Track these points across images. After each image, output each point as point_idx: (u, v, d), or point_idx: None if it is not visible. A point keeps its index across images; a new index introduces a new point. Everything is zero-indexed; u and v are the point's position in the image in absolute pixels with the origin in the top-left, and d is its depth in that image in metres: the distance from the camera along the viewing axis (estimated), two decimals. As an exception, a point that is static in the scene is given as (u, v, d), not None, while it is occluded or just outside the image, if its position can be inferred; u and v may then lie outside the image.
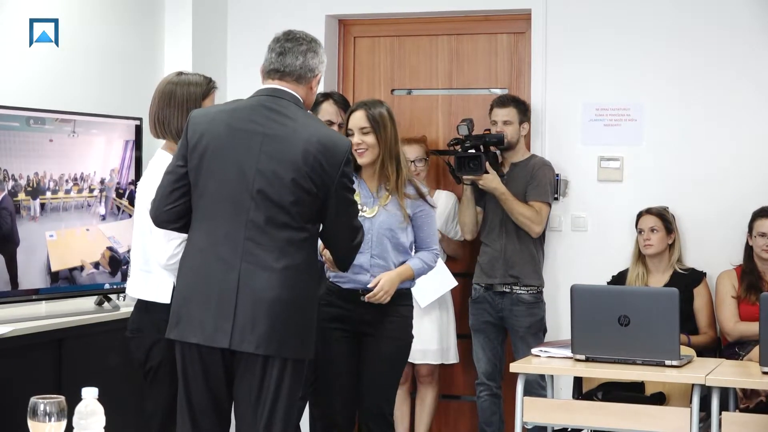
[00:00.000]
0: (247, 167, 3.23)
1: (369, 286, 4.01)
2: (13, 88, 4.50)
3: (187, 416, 3.31)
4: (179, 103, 3.67)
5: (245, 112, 3.32)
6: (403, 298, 4.12)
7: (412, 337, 4.20)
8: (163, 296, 3.57)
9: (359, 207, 4.07)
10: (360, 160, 4.03)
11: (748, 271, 4.89)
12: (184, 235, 3.41)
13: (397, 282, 4.04)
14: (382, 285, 4.00)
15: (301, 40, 3.39)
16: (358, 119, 4.07)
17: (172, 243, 3.52)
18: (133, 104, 4.99)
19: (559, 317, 5.24)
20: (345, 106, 5.17)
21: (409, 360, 5.27)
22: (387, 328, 4.08)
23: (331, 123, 5.11)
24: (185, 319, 3.26)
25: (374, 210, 4.09)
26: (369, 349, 4.09)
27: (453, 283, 5.22)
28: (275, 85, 3.36)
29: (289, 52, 3.36)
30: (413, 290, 5.09)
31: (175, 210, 3.33)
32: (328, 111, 5.11)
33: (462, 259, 5.48)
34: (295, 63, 3.35)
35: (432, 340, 5.22)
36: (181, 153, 3.33)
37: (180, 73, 3.77)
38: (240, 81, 5.81)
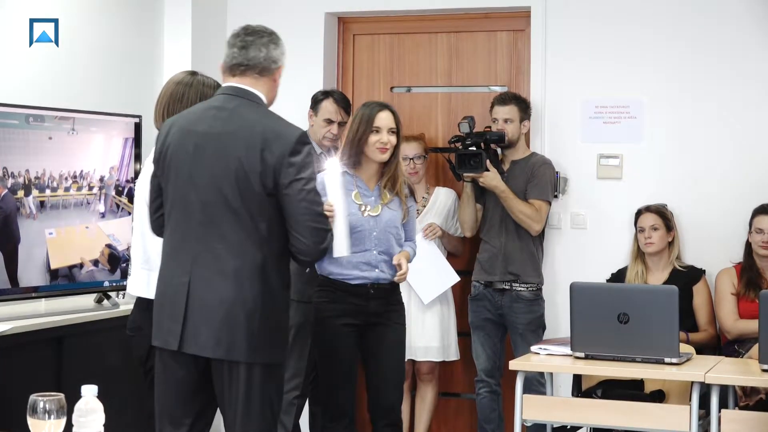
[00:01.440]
0: (195, 171, 3.26)
1: (395, 263, 4.16)
2: (13, 86, 4.51)
3: (159, 414, 3.34)
4: (190, 101, 3.68)
5: (197, 114, 3.36)
6: (397, 285, 4.30)
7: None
8: None
9: (362, 207, 4.10)
10: (382, 157, 4.15)
11: (747, 267, 4.89)
12: None
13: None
14: (406, 265, 4.18)
15: (262, 33, 3.38)
16: (389, 120, 4.19)
17: None
18: (133, 102, 4.99)
19: (558, 315, 5.24)
20: (345, 105, 5.17)
21: (411, 357, 5.30)
22: (393, 315, 4.26)
23: (330, 121, 5.11)
24: (156, 325, 3.32)
25: (378, 208, 4.18)
26: (382, 337, 4.22)
27: (455, 278, 5.23)
28: (234, 82, 3.35)
29: (252, 45, 3.34)
30: (416, 287, 5.11)
31: (161, 219, 3.40)
32: (328, 109, 5.11)
33: (462, 256, 5.48)
34: (258, 55, 3.33)
35: (434, 337, 5.22)
36: (154, 162, 3.40)
37: (193, 74, 3.82)
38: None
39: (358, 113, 4.24)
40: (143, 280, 3.67)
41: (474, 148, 5.08)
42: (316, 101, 5.17)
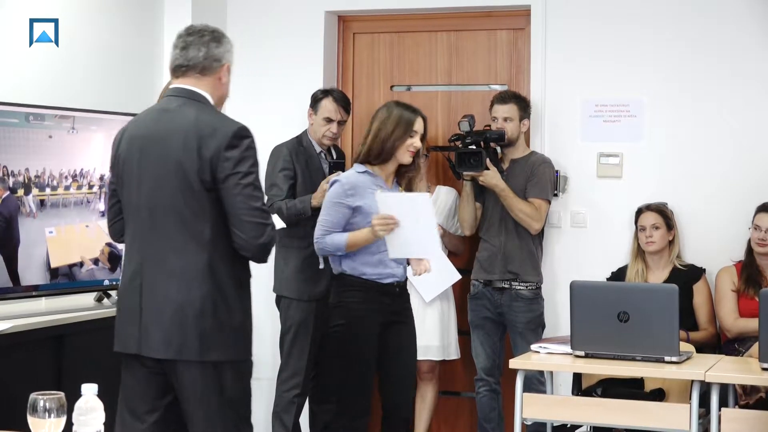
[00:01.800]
0: (141, 175, 3.27)
1: (415, 258, 4.28)
2: (13, 85, 4.50)
3: (126, 411, 3.34)
4: None
5: (143, 119, 3.38)
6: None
7: None
8: None
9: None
10: (409, 159, 4.29)
11: (747, 264, 4.89)
12: None
13: None
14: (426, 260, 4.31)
15: (203, 32, 3.36)
16: (422, 126, 4.32)
17: None
18: (133, 101, 4.98)
19: (557, 313, 5.24)
20: (344, 104, 5.17)
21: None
22: (409, 313, 4.42)
23: (330, 120, 5.11)
24: (116, 329, 3.35)
25: None
26: (400, 334, 4.34)
27: (457, 276, 5.24)
28: (177, 83, 3.35)
29: (191, 45, 3.33)
30: (417, 285, 5.12)
31: (116, 225, 3.44)
32: (328, 108, 5.11)
33: (462, 255, 5.48)
34: (198, 55, 3.31)
35: (434, 336, 5.22)
36: (110, 169, 3.45)
37: None
38: (239, 78, 5.79)
39: (393, 114, 4.28)
40: None
41: (474, 147, 5.08)
42: (315, 100, 5.17)
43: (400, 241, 4.10)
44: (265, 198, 3.28)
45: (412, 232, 4.08)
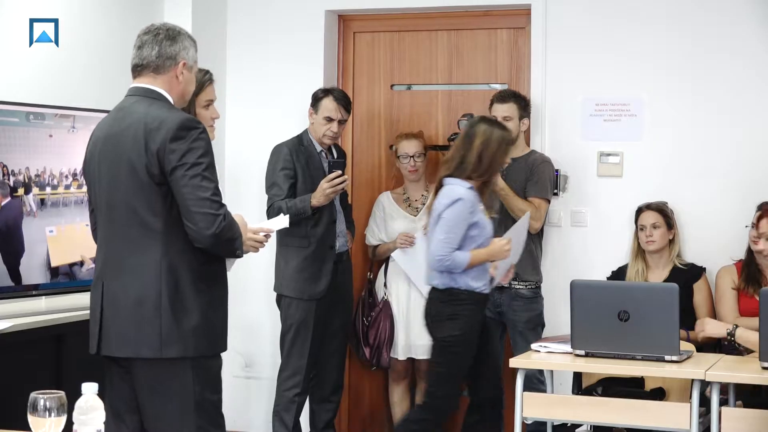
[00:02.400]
0: (98, 174, 3.29)
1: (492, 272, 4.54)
2: (13, 84, 4.50)
3: (109, 413, 3.32)
4: None
5: (104, 120, 3.39)
6: None
7: None
8: None
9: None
10: (499, 177, 4.73)
11: (748, 263, 4.88)
12: None
13: None
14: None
15: (158, 30, 3.36)
16: None
17: None
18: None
19: (557, 313, 5.24)
20: (345, 103, 5.17)
21: (411, 355, 5.31)
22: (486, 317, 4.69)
23: (330, 119, 5.11)
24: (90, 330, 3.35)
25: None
26: (489, 337, 4.61)
27: None
28: (135, 83, 3.36)
29: (146, 44, 3.34)
30: (417, 282, 5.13)
31: (93, 225, 3.45)
32: (328, 107, 5.11)
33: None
34: (150, 54, 3.32)
35: (433, 335, 5.23)
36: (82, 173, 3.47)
37: None
38: (239, 76, 5.81)
39: (495, 134, 4.43)
40: None
41: (474, 146, 5.07)
42: (316, 99, 5.17)
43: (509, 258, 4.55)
44: (215, 192, 3.16)
45: (516, 247, 4.59)
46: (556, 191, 5.29)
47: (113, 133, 3.27)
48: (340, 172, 4.85)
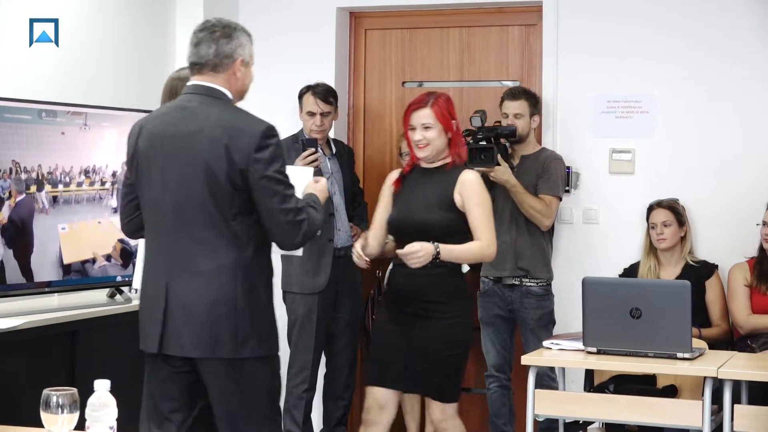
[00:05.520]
0: (163, 173, 3.25)
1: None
2: (26, 82, 4.52)
3: (153, 419, 3.35)
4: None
5: (164, 116, 3.35)
6: None
7: None
8: None
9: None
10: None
11: (760, 260, 4.87)
12: None
13: None
14: None
15: (214, 28, 3.33)
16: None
17: None
18: (145, 97, 4.99)
19: (568, 310, 5.23)
20: (324, 96, 5.22)
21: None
22: None
23: (312, 114, 5.19)
24: (140, 329, 3.35)
25: None
26: None
27: (465, 267, 5.23)
28: (194, 80, 3.33)
29: (202, 42, 3.31)
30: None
31: (134, 221, 3.41)
32: (308, 102, 5.22)
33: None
34: (208, 52, 3.29)
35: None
36: (126, 165, 3.40)
37: (183, 69, 3.77)
38: (251, 74, 5.81)
39: None
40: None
41: (485, 143, 5.07)
42: (300, 96, 5.24)
43: None
44: (295, 198, 3.26)
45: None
46: (567, 188, 5.28)
47: (181, 132, 3.23)
48: (313, 149, 4.90)
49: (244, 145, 3.16)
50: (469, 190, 4.03)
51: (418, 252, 3.88)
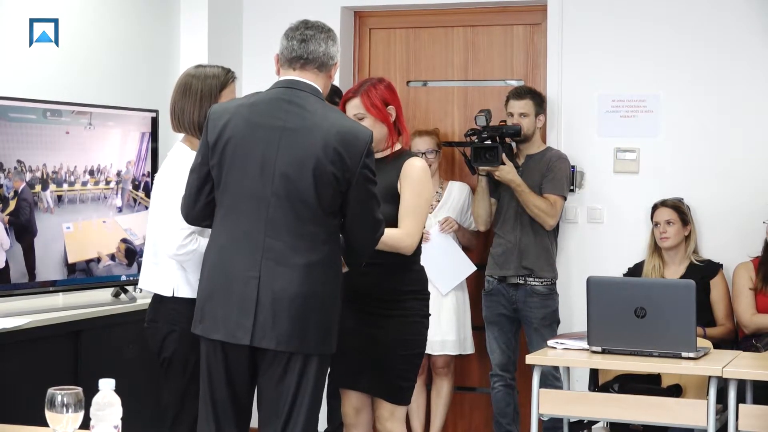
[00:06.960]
0: (267, 163, 3.20)
1: None
2: (30, 82, 4.52)
3: (211, 412, 3.30)
4: (195, 95, 3.66)
5: (264, 106, 3.28)
6: None
7: None
8: (166, 289, 3.58)
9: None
10: None
11: (765, 260, 4.87)
12: (195, 227, 3.43)
13: None
14: None
15: (321, 28, 3.37)
16: None
17: (182, 233, 3.48)
18: (150, 97, 5.00)
19: (572, 309, 5.23)
20: (328, 96, 5.15)
21: (427, 351, 5.29)
22: None
23: None
24: (209, 316, 3.25)
25: None
26: None
27: (472, 268, 5.25)
28: (294, 76, 3.31)
29: (312, 39, 3.32)
30: (434, 278, 5.13)
31: (210, 207, 3.33)
32: None
33: (475, 250, 5.47)
34: (318, 50, 3.31)
35: (450, 330, 5.23)
36: (202, 151, 3.30)
37: (198, 66, 3.76)
38: (255, 72, 5.79)
39: None
40: (151, 275, 3.67)
41: (490, 142, 5.07)
42: None
43: None
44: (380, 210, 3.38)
45: None
46: (572, 188, 5.28)
47: (294, 127, 3.21)
48: None
49: (356, 149, 3.20)
50: (409, 177, 3.67)
51: None
